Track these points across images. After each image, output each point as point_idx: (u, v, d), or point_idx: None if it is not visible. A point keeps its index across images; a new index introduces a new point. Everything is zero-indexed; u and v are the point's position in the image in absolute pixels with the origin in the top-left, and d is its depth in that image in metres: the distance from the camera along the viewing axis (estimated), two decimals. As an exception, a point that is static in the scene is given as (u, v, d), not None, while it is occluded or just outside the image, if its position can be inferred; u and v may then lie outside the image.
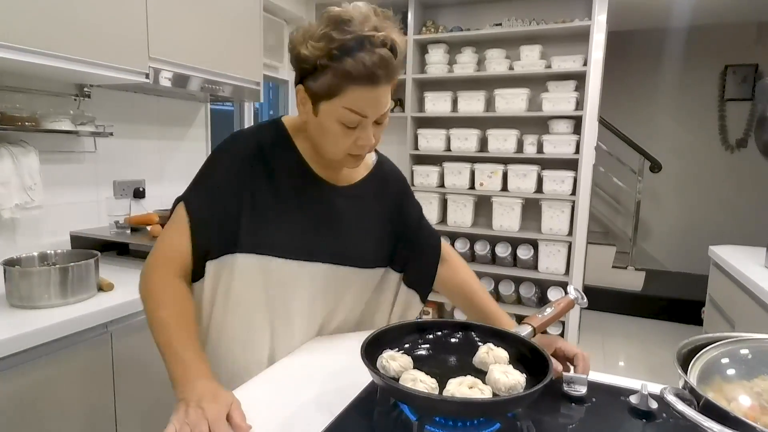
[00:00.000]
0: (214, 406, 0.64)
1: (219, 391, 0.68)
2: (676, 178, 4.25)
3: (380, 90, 0.75)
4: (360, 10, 0.74)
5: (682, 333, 3.32)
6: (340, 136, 0.79)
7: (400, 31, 0.78)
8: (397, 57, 0.76)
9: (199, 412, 0.62)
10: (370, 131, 0.79)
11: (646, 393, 0.73)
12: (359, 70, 0.71)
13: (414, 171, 2.98)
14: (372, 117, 0.78)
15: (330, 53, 0.72)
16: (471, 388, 0.60)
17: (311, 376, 0.84)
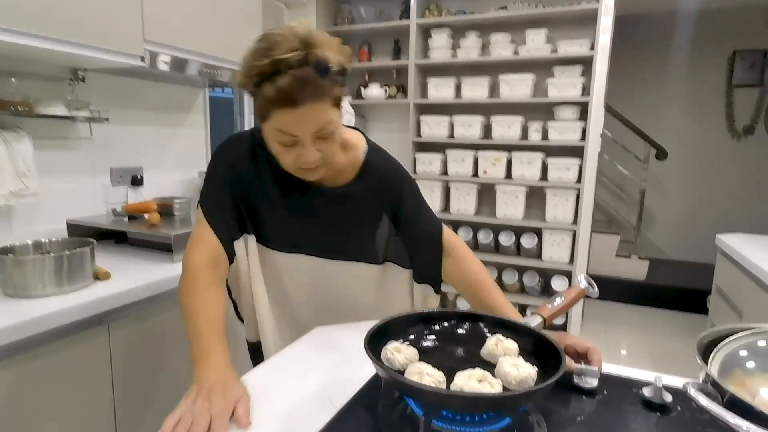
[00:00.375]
0: (222, 400, 0.66)
1: (231, 384, 0.70)
2: (681, 166, 4.20)
3: (305, 110, 0.76)
4: (286, 32, 0.75)
5: (686, 322, 3.31)
6: (282, 154, 0.83)
7: (340, 47, 0.79)
8: (328, 73, 0.75)
9: (206, 404, 0.65)
10: (309, 149, 0.80)
11: (660, 386, 0.70)
12: (276, 95, 0.74)
13: (416, 158, 2.94)
14: (304, 136, 0.79)
15: (252, 81, 0.76)
16: (480, 381, 0.57)
17: (313, 368, 0.81)
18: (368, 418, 0.65)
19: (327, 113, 0.78)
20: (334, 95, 0.78)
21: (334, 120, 0.80)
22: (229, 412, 0.65)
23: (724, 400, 0.48)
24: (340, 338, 0.94)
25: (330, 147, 0.83)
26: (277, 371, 0.77)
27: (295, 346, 0.91)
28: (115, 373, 1.18)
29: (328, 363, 0.83)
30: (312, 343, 0.93)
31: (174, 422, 0.62)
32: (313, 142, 0.80)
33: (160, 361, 1.31)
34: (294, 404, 0.70)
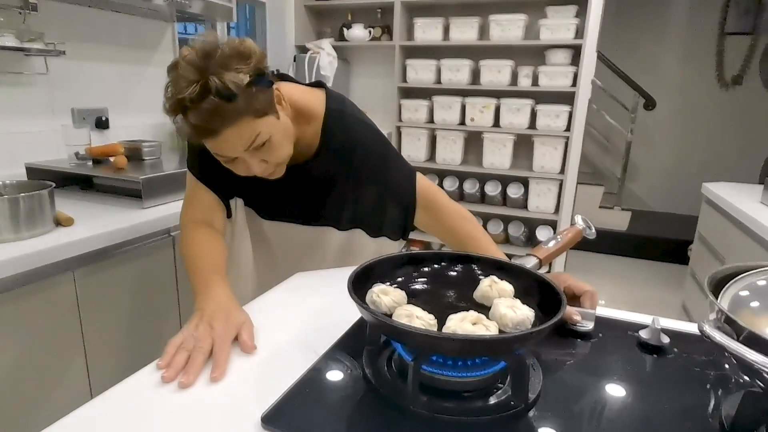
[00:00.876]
0: (223, 325, 0.66)
1: (233, 310, 0.70)
2: (668, 117, 4.16)
3: (226, 135, 0.74)
4: (185, 64, 0.71)
5: (666, 272, 3.37)
6: (230, 167, 0.82)
7: (243, 55, 0.73)
8: (233, 97, 0.71)
9: (208, 329, 0.65)
10: (250, 161, 0.79)
11: (658, 327, 0.67)
12: (193, 130, 0.73)
13: (402, 105, 2.83)
14: (236, 154, 0.77)
15: (171, 117, 0.74)
16: (475, 324, 0.52)
17: (293, 314, 0.76)
18: (352, 364, 0.61)
19: (252, 128, 0.75)
20: (254, 108, 0.74)
21: (263, 131, 0.77)
22: (231, 337, 0.65)
23: (740, 338, 0.45)
24: (322, 283, 0.89)
25: (272, 153, 0.80)
26: (257, 316, 0.71)
27: (275, 291, 0.86)
28: (84, 322, 1.12)
29: (310, 309, 0.78)
30: (292, 289, 0.87)
31: (176, 345, 0.62)
32: (251, 154, 0.78)
33: (132, 310, 1.25)
34: (273, 352, 0.65)
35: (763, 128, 3.84)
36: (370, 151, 0.95)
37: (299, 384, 0.56)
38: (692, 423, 0.52)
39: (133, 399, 0.55)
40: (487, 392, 0.54)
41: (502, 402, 0.53)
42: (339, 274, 0.91)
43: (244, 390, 0.56)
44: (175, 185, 1.38)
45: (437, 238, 1.02)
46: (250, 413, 0.51)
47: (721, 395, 0.57)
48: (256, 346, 0.65)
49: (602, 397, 0.57)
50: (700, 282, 2.07)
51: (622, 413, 0.54)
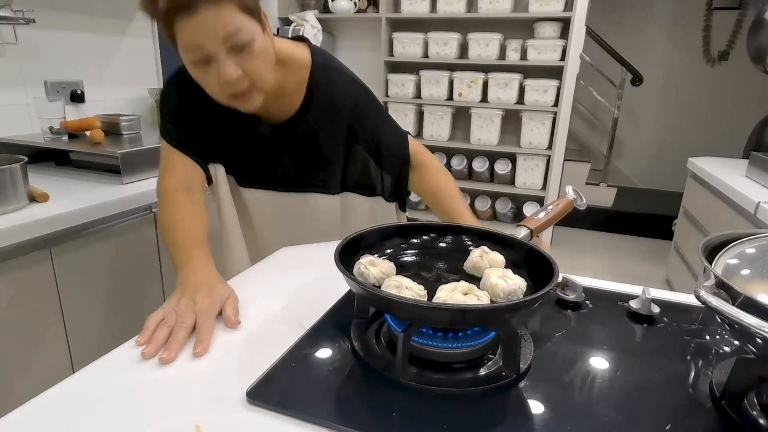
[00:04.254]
0: (207, 300, 0.63)
1: (216, 284, 0.67)
2: (655, 93, 4.15)
3: (205, 14, 0.67)
4: None
5: (651, 247, 3.42)
6: (203, 79, 0.75)
7: None
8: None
9: (191, 304, 0.62)
10: (226, 62, 0.71)
11: (648, 297, 0.67)
12: (167, 4, 0.66)
13: (389, 80, 2.77)
14: (213, 46, 0.69)
15: (145, 2, 0.69)
16: (466, 294, 0.51)
17: (280, 288, 0.74)
18: (340, 337, 0.59)
19: (233, 19, 0.69)
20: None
21: (245, 28, 0.70)
22: (215, 312, 0.63)
23: (736, 303, 0.44)
24: (308, 257, 0.87)
25: (252, 62, 0.73)
26: (240, 291, 0.69)
27: (260, 265, 0.84)
28: (63, 299, 1.09)
29: (296, 282, 0.76)
30: (278, 263, 0.85)
31: (157, 319, 0.60)
32: (229, 54, 0.71)
33: (113, 287, 1.22)
34: (258, 326, 0.63)
35: (748, 104, 3.87)
36: (360, 108, 0.91)
37: (285, 358, 0.55)
38: (683, 391, 0.52)
39: (115, 374, 0.53)
40: (478, 363, 0.54)
41: (493, 373, 0.52)
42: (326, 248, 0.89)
43: (228, 365, 0.54)
44: (157, 160, 1.33)
45: (420, 196, 1.03)
46: (234, 388, 0.50)
47: (712, 363, 0.57)
48: (241, 321, 0.63)
49: (593, 366, 0.56)
50: (683, 256, 2.10)
51: (613, 382, 0.53)
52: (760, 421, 0.48)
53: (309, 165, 0.93)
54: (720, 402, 0.50)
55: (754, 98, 3.84)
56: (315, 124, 0.88)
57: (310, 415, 0.46)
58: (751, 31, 2.15)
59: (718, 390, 0.51)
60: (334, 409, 0.48)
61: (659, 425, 0.46)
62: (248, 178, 0.96)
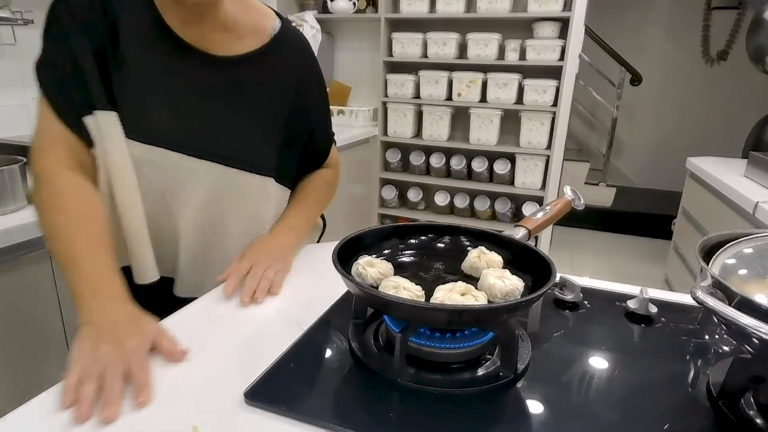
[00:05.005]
0: (135, 339, 0.52)
1: (139, 319, 0.56)
2: (654, 93, 4.16)
3: None
4: None
5: (650, 247, 3.42)
6: None
7: None
8: None
9: (113, 347, 0.50)
10: None
11: (646, 297, 0.67)
12: None
13: (388, 80, 2.77)
14: None
15: None
16: (463, 294, 0.51)
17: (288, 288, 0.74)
18: (338, 338, 0.59)
19: None
20: None
21: None
22: (146, 350, 0.52)
23: (732, 303, 0.44)
24: (306, 256, 0.87)
25: None
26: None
27: (258, 267, 0.84)
28: (62, 299, 1.09)
29: (294, 283, 0.76)
30: (277, 264, 0.85)
31: (76, 380, 0.47)
32: None
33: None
34: (256, 327, 0.63)
35: (747, 104, 3.87)
36: (312, 86, 0.82)
37: (283, 359, 0.55)
38: (680, 391, 0.52)
39: (111, 377, 0.53)
40: (476, 364, 0.54)
41: (491, 373, 0.52)
42: (324, 248, 0.89)
43: (226, 366, 0.54)
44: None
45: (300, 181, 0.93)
46: (232, 389, 0.50)
47: (709, 362, 0.57)
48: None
49: (591, 366, 0.56)
50: (682, 255, 2.10)
51: (610, 382, 0.53)
52: (757, 420, 0.48)
53: (239, 126, 0.74)
54: (717, 402, 0.50)
55: (752, 98, 3.85)
56: (266, 67, 0.74)
57: (309, 416, 0.46)
58: (750, 30, 2.15)
59: (715, 390, 0.51)
60: (332, 410, 0.48)
61: (657, 425, 0.47)
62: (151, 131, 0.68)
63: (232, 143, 0.74)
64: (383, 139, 2.88)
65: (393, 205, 3.03)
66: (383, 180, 3.00)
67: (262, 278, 0.70)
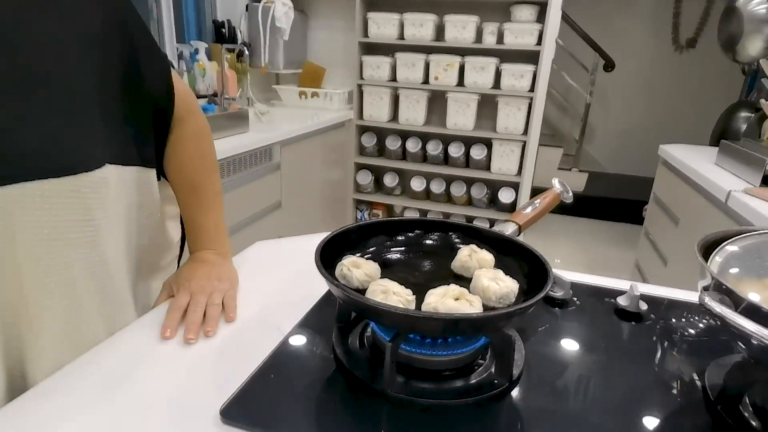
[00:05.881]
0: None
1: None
2: (626, 79, 4.21)
3: None
4: None
5: (620, 231, 3.50)
6: None
7: None
8: None
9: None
10: None
11: (636, 293, 0.66)
12: None
13: (363, 62, 2.69)
14: None
15: None
16: (457, 299, 0.47)
17: (252, 288, 0.69)
18: (321, 343, 0.56)
19: None
20: None
21: None
22: None
23: (739, 309, 0.42)
24: (284, 252, 0.82)
25: None
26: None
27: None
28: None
29: (271, 282, 0.72)
30: (250, 260, 0.80)
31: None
32: None
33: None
34: (232, 333, 0.58)
35: (714, 91, 3.97)
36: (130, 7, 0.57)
37: (262, 369, 0.50)
38: (676, 394, 0.51)
39: (70, 394, 0.47)
40: (469, 370, 0.51)
41: (485, 381, 0.50)
42: (303, 242, 0.85)
43: (199, 379, 0.50)
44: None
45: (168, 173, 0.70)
46: (207, 406, 0.45)
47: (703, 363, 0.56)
48: (213, 328, 0.58)
49: (585, 369, 0.54)
50: (653, 241, 2.15)
51: (607, 386, 0.51)
52: (753, 423, 0.47)
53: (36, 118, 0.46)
54: (713, 404, 0.48)
55: (719, 85, 3.94)
56: None
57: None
58: (722, 19, 2.18)
59: (713, 392, 0.50)
60: (316, 426, 0.44)
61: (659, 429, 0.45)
62: None
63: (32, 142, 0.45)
64: (359, 123, 2.82)
65: (369, 190, 2.98)
66: (358, 165, 2.94)
67: (207, 307, 0.60)
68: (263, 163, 1.94)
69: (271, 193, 2.05)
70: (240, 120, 1.93)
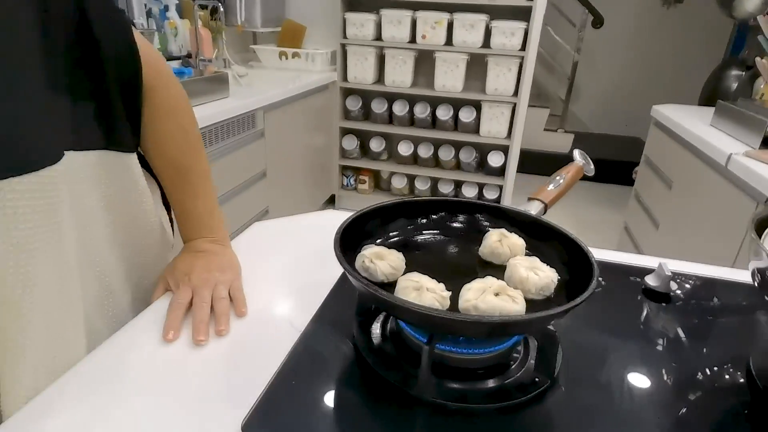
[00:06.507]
0: None
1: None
2: (615, 35, 4.12)
3: None
4: None
5: (608, 192, 3.51)
6: None
7: None
8: None
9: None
10: None
11: (668, 273, 0.62)
12: None
13: (346, 20, 2.55)
14: None
15: None
16: (497, 294, 0.43)
17: (258, 277, 0.64)
18: (341, 340, 0.51)
19: None
20: None
21: None
22: None
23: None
24: (286, 232, 0.76)
25: None
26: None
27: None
28: None
29: (279, 268, 0.66)
30: (251, 243, 0.74)
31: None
32: None
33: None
34: (244, 333, 0.53)
35: (701, 48, 3.92)
36: None
37: (281, 376, 0.46)
38: (722, 381, 0.48)
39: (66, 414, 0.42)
40: (505, 366, 0.47)
41: (524, 379, 0.46)
42: (303, 221, 0.79)
43: (215, 390, 0.45)
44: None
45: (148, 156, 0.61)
46: (226, 422, 0.41)
47: (746, 347, 0.53)
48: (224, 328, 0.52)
49: (623, 359, 0.51)
50: (644, 204, 2.15)
51: (650, 376, 0.48)
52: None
53: None
54: (764, 393, 0.46)
55: (705, 42, 3.90)
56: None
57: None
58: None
59: (762, 381, 0.47)
60: (350, 440, 0.40)
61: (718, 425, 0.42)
62: None
63: None
64: (343, 86, 2.70)
65: (354, 155, 2.90)
66: (344, 129, 2.84)
67: (215, 302, 0.55)
68: (247, 131, 1.83)
69: (255, 162, 1.95)
70: (220, 84, 1.81)
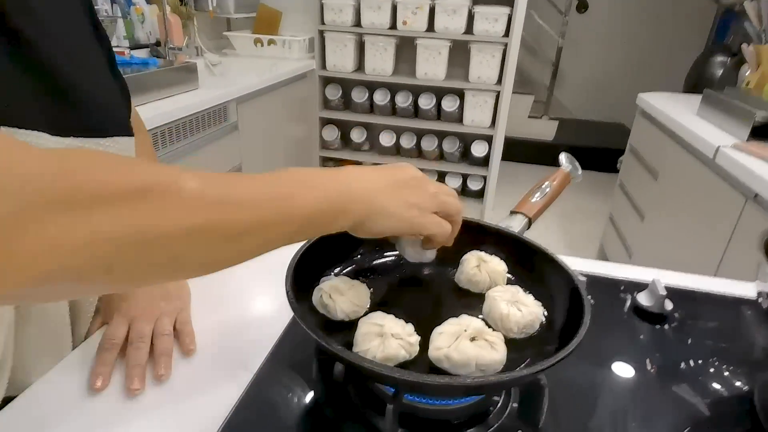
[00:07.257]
0: None
1: None
2: (598, 20, 4.06)
3: None
4: None
5: (593, 180, 3.48)
6: None
7: None
8: None
9: None
10: None
11: (663, 293, 0.57)
12: None
13: (324, 5, 2.44)
14: None
15: None
16: (473, 339, 0.37)
17: (208, 310, 0.56)
18: (299, 383, 0.44)
19: None
20: None
21: None
22: None
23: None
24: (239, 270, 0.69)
25: None
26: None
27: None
28: None
29: (231, 298, 0.59)
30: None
31: None
32: None
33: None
34: (189, 377, 0.46)
35: (684, 34, 3.88)
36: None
37: (230, 424, 0.39)
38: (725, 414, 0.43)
39: None
40: (484, 414, 0.41)
41: (506, 427, 0.40)
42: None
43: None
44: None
45: None
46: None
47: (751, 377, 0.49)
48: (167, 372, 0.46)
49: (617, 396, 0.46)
50: (629, 194, 2.11)
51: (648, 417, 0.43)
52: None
53: None
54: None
55: (690, 27, 3.86)
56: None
57: None
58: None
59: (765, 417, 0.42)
60: None
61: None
62: None
63: None
64: (322, 74, 2.60)
65: (335, 147, 2.81)
66: (324, 120, 2.75)
67: (155, 339, 0.48)
68: (219, 124, 1.74)
69: (229, 157, 1.86)
70: (188, 74, 1.70)
